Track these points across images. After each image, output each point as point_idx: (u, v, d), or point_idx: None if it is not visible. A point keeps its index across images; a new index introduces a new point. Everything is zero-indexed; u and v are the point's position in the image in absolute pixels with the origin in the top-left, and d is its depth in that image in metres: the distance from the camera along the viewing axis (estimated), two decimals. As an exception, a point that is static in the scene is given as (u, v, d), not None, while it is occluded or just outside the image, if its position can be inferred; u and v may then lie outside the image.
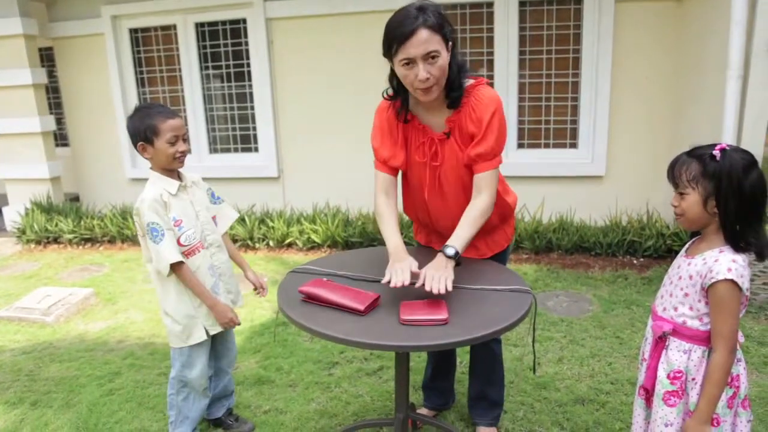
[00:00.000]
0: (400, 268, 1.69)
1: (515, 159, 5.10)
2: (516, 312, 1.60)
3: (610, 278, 4.11)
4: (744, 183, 1.41)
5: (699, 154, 1.46)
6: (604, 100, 4.81)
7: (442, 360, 2.44)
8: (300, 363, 3.04)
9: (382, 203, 1.95)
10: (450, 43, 1.74)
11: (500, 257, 2.15)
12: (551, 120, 5.07)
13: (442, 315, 1.53)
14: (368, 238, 4.84)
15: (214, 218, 2.25)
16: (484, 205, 1.83)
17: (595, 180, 4.98)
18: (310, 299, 1.70)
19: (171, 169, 2.10)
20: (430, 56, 1.68)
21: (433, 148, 1.91)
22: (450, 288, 1.62)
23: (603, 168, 4.92)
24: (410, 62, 1.70)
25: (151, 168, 2.11)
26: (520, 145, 5.13)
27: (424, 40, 1.66)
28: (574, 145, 5.06)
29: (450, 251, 1.72)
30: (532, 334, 1.99)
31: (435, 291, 1.60)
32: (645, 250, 4.42)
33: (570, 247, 4.61)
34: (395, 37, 1.69)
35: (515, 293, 1.73)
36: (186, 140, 2.09)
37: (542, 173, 5.01)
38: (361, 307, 1.59)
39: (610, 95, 4.79)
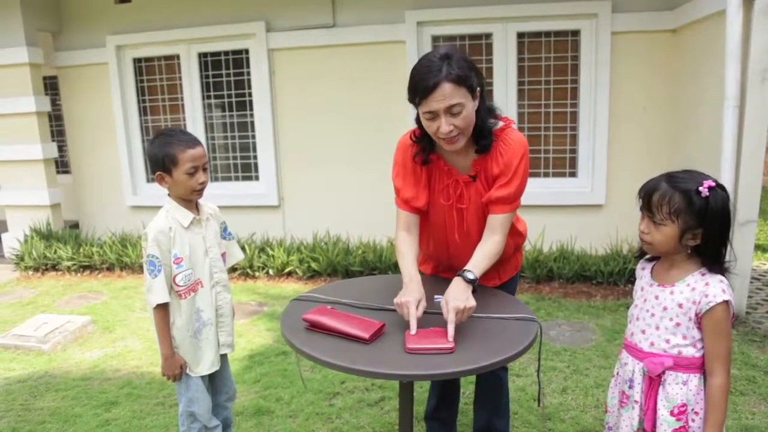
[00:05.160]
0: (407, 304, 1.63)
1: (515, 188, 5.11)
2: (522, 340, 1.58)
3: (612, 307, 4.08)
4: (728, 220, 1.44)
5: (683, 188, 1.44)
6: (602, 129, 4.85)
7: (446, 390, 2.40)
8: (300, 393, 3.00)
9: (403, 240, 1.92)
10: (478, 89, 1.71)
11: (511, 284, 2.16)
12: (550, 149, 5.11)
13: (448, 343, 1.51)
14: (369, 266, 4.82)
15: (223, 255, 2.17)
16: (498, 247, 1.83)
17: (595, 209, 5.00)
18: (314, 327, 1.68)
19: (189, 200, 2.04)
20: (453, 109, 1.65)
21: (458, 191, 1.89)
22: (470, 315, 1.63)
23: (603, 197, 4.94)
24: (433, 115, 1.68)
25: (168, 195, 2.04)
26: (520, 174, 5.15)
27: (447, 94, 1.62)
28: (573, 174, 5.09)
29: (470, 275, 1.71)
30: (537, 364, 1.96)
31: (458, 322, 1.58)
32: (646, 279, 4.40)
33: (571, 276, 4.59)
34: (418, 90, 1.66)
35: (520, 321, 1.71)
36: (206, 170, 2.01)
37: (542, 202, 5.03)
38: (366, 335, 1.57)
39: (609, 125, 4.84)
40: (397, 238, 1.93)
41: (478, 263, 1.78)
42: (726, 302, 1.43)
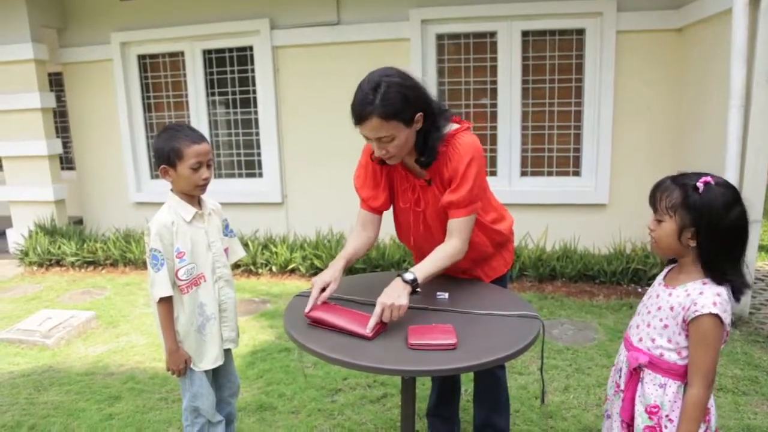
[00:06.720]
0: (313, 284, 1.79)
1: (519, 187, 5.12)
2: (524, 338, 1.58)
3: (615, 306, 4.08)
4: (724, 220, 1.38)
5: (683, 183, 1.42)
6: (606, 128, 4.85)
7: (445, 386, 2.41)
8: (302, 389, 3.00)
9: (353, 234, 2.05)
10: (419, 114, 1.75)
11: (499, 283, 2.16)
12: (554, 148, 5.10)
13: (451, 340, 1.52)
14: (371, 264, 4.83)
15: (226, 250, 2.17)
16: (452, 250, 1.85)
17: (599, 208, 4.99)
18: (317, 323, 1.68)
19: (191, 195, 2.05)
20: (383, 139, 1.73)
21: (416, 194, 1.96)
22: (402, 314, 1.64)
23: (606, 196, 4.93)
24: (368, 139, 1.78)
25: (171, 190, 2.05)
26: (524, 173, 5.16)
27: (374, 127, 1.71)
28: (577, 173, 5.08)
29: (409, 276, 1.72)
30: (540, 361, 1.96)
31: (386, 320, 1.62)
32: (650, 278, 4.39)
33: (574, 275, 4.59)
34: (352, 116, 1.75)
35: (523, 319, 1.72)
36: (210, 166, 2.02)
37: (545, 201, 5.03)
38: (369, 332, 1.58)
39: (613, 124, 4.83)
40: (352, 232, 2.07)
41: (424, 265, 1.81)
42: (715, 315, 1.38)
